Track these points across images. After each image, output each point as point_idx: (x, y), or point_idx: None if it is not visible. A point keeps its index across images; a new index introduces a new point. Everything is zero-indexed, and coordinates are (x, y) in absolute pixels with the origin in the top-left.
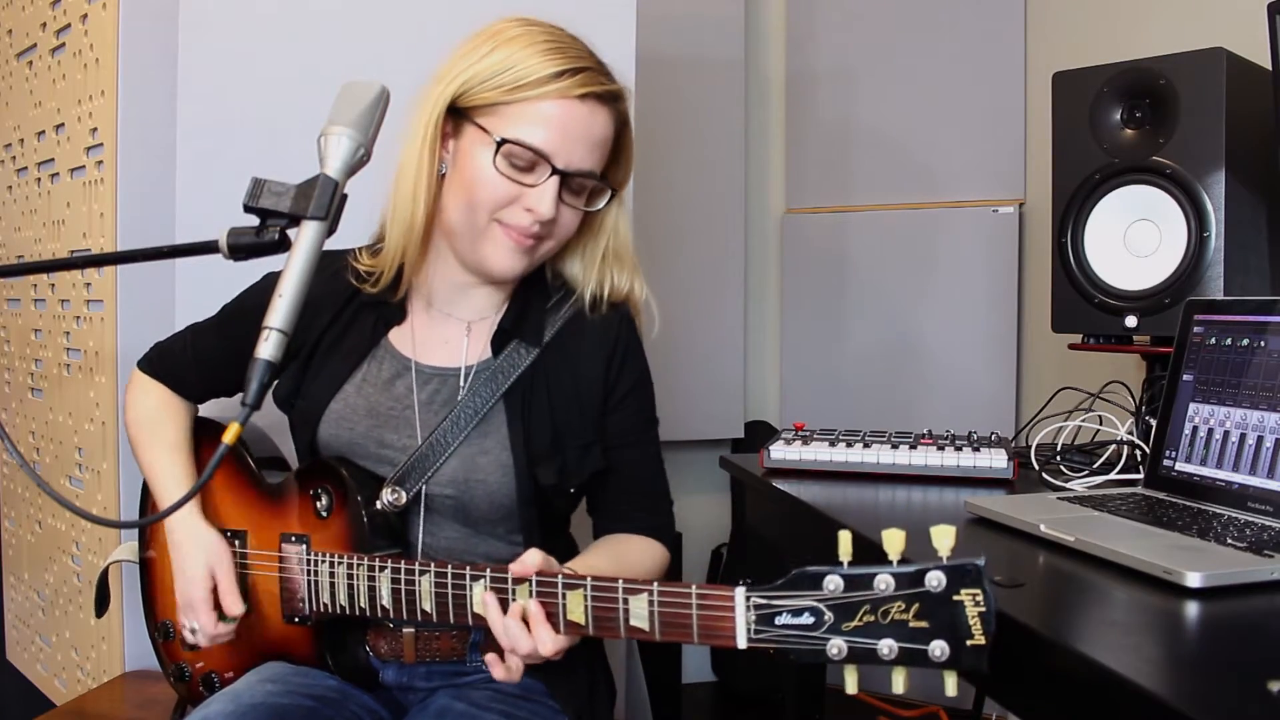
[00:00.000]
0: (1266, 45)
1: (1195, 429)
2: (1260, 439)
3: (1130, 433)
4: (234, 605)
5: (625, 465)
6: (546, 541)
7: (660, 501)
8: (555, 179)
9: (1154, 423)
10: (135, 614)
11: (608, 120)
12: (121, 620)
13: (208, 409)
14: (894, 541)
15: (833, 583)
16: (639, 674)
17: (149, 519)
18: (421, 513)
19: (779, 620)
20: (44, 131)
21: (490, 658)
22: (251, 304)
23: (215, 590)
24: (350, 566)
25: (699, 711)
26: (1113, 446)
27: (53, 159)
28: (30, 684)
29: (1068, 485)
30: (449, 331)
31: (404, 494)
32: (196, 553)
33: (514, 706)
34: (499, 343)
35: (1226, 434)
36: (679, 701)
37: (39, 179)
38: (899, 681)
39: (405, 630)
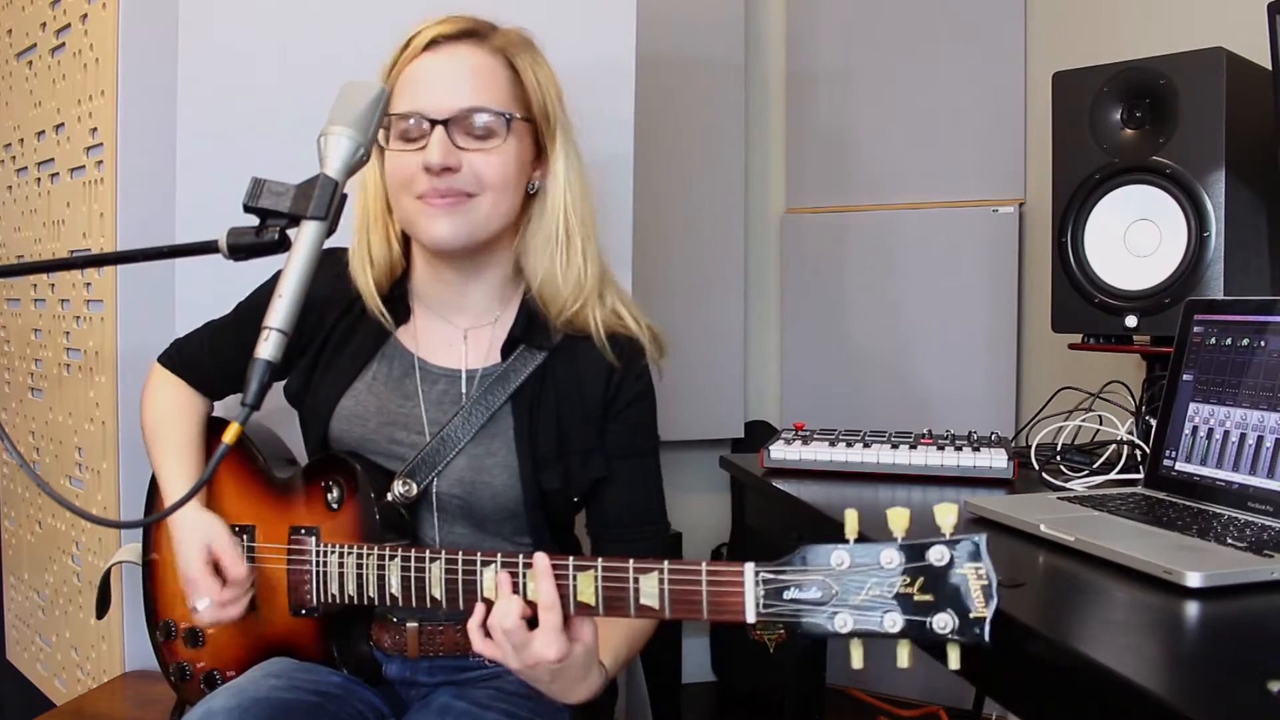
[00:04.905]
0: (1266, 45)
1: (1195, 429)
2: (1260, 439)
3: (1130, 433)
4: (235, 566)
5: (623, 480)
6: (552, 543)
7: (658, 525)
8: (439, 129)
9: (1154, 423)
10: (135, 614)
11: (473, 53)
12: (121, 620)
13: (216, 407)
14: (899, 519)
15: (839, 558)
16: (639, 674)
17: (148, 519)
18: (434, 510)
19: (787, 595)
20: (44, 131)
21: (475, 625)
22: (268, 302)
23: (215, 565)
24: (360, 556)
25: (699, 711)
26: (1113, 446)
27: (53, 159)
28: (30, 684)
29: (1068, 485)
30: (450, 334)
31: (415, 486)
32: (192, 537)
33: (515, 705)
34: (508, 348)
35: (1226, 434)
36: (679, 701)
37: (39, 179)
38: (904, 655)
39: (409, 624)
